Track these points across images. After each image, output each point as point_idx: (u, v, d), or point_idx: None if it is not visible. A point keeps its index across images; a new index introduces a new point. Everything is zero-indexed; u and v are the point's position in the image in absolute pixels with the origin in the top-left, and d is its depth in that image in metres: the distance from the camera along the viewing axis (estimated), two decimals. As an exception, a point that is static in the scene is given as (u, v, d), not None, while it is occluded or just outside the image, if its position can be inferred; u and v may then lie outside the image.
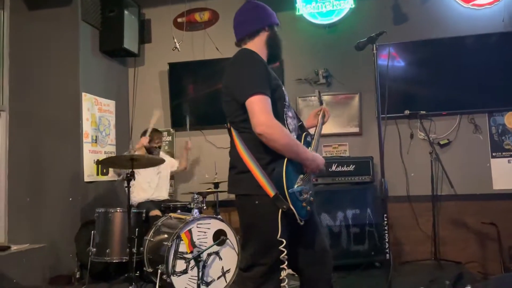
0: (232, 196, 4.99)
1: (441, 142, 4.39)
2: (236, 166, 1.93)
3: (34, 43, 4.44)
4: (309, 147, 2.03)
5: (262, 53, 2.02)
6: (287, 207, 1.78)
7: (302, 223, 1.85)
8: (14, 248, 4.02)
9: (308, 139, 2.07)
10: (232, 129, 1.96)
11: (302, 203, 1.85)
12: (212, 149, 5.00)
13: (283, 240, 1.79)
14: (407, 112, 4.29)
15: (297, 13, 4.76)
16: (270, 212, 1.81)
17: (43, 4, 4.43)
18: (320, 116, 2.25)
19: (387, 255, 1.85)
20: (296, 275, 2.07)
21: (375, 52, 2.07)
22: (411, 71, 4.48)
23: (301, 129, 2.11)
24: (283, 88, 2.01)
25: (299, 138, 2.02)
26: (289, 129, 1.95)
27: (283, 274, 1.82)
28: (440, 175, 4.29)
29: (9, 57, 4.47)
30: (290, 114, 2.01)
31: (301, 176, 1.90)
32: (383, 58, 4.55)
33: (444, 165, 4.18)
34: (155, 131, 4.48)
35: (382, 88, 4.46)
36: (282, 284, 1.82)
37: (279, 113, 1.91)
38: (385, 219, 1.99)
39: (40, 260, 4.09)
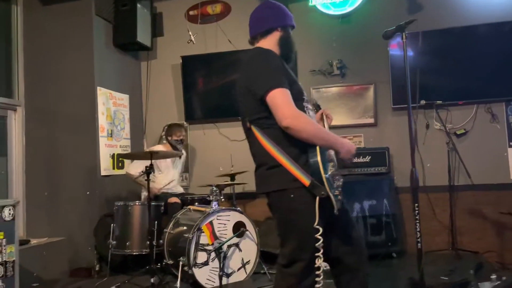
0: (248, 188, 5.01)
1: (458, 132, 4.37)
2: (266, 163, 1.91)
3: (48, 38, 4.45)
4: None
5: (275, 51, 2.03)
6: (326, 193, 1.78)
7: (337, 213, 1.85)
8: (33, 241, 4.06)
9: None
10: (253, 127, 1.94)
11: (335, 190, 1.85)
12: (226, 142, 5.01)
13: (320, 228, 1.79)
14: (423, 102, 4.26)
15: (310, 4, 4.73)
16: (306, 203, 1.81)
17: (56, -2, 4.45)
18: (324, 119, 2.20)
19: (419, 244, 1.84)
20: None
21: (404, 40, 2.04)
22: (426, 61, 4.44)
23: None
24: (300, 83, 2.03)
25: None
26: None
27: (318, 262, 1.82)
28: (456, 165, 4.27)
29: (23, 52, 4.48)
30: (309, 106, 2.02)
31: (331, 163, 1.90)
32: (393, 48, 4.54)
33: (461, 155, 4.17)
34: (175, 125, 4.49)
35: (399, 78, 4.48)
36: (317, 272, 1.83)
37: (299, 107, 1.90)
38: (416, 209, 1.98)
39: (59, 253, 4.13)
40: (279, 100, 1.81)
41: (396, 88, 4.50)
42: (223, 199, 3.69)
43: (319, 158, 1.78)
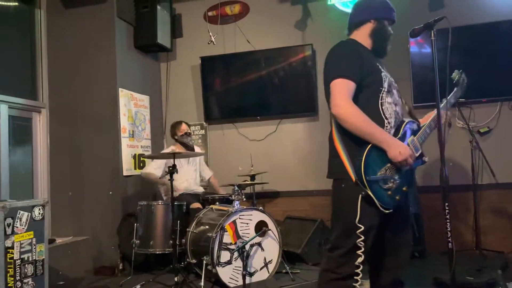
0: (268, 188, 5.03)
1: (481, 130, 4.31)
2: (331, 151, 2.02)
3: (71, 41, 4.53)
4: (410, 136, 2.02)
5: (367, 43, 2.10)
6: (366, 193, 1.82)
7: (387, 211, 1.86)
8: (58, 240, 4.13)
9: (412, 126, 2.05)
10: (330, 114, 2.03)
11: (387, 191, 1.86)
12: (245, 142, 5.03)
13: (361, 226, 1.83)
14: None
15: (329, 2, 4.72)
16: (352, 196, 1.86)
17: (79, 2, 4.51)
18: (444, 117, 2.19)
19: (450, 244, 1.83)
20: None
21: (433, 39, 2.03)
22: (448, 58, 4.38)
23: (411, 117, 2.13)
24: (382, 74, 2.03)
25: (399, 126, 2.02)
26: (385, 115, 1.96)
27: (359, 260, 1.84)
28: (480, 164, 4.21)
29: (47, 55, 4.57)
30: (389, 99, 2.01)
31: (388, 165, 1.89)
32: (413, 45, 4.51)
33: (485, 153, 4.10)
34: (175, 123, 4.53)
35: (420, 76, 4.44)
36: (356, 271, 1.86)
37: (372, 99, 1.95)
38: (447, 208, 1.98)
39: (84, 252, 4.21)
40: (336, 89, 1.90)
41: (416, 85, 4.46)
42: (244, 199, 3.71)
43: (363, 157, 1.82)
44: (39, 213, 2.70)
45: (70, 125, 4.48)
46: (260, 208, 3.57)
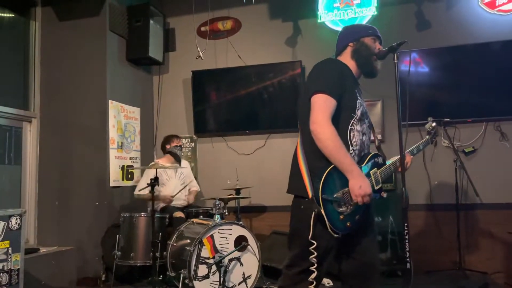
0: (254, 202, 5.03)
1: (466, 150, 4.32)
2: (292, 167, 2.03)
3: (64, 53, 4.61)
4: (374, 168, 2.03)
5: (352, 67, 2.12)
6: (318, 211, 1.82)
7: (335, 235, 1.86)
8: (43, 250, 4.16)
9: (377, 160, 2.06)
10: (299, 126, 2.05)
11: (339, 215, 1.87)
12: (233, 156, 5.06)
13: (314, 242, 1.84)
14: (430, 119, 4.22)
15: (318, 20, 4.78)
16: (307, 214, 1.86)
17: (73, 15, 4.61)
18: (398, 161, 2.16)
19: (408, 264, 1.84)
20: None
21: (396, 62, 2.07)
22: (435, 78, 4.43)
23: (378, 151, 2.16)
24: (357, 101, 2.03)
25: (365, 156, 2.03)
26: (351, 141, 1.97)
27: (312, 276, 1.86)
28: (464, 183, 4.21)
29: (40, 66, 4.66)
30: (359, 128, 2.01)
31: (346, 189, 1.89)
32: (406, 64, 4.55)
33: (469, 173, 4.11)
34: (171, 135, 4.61)
35: (405, 94, 4.48)
36: (309, 286, 1.87)
37: (342, 123, 1.96)
38: (406, 228, 1.99)
39: (67, 262, 4.22)
40: (317, 104, 1.91)
41: (404, 103, 4.48)
42: (226, 213, 3.72)
43: (324, 175, 1.84)
44: (16, 223, 2.73)
45: (60, 136, 4.54)
46: (240, 222, 3.59)
